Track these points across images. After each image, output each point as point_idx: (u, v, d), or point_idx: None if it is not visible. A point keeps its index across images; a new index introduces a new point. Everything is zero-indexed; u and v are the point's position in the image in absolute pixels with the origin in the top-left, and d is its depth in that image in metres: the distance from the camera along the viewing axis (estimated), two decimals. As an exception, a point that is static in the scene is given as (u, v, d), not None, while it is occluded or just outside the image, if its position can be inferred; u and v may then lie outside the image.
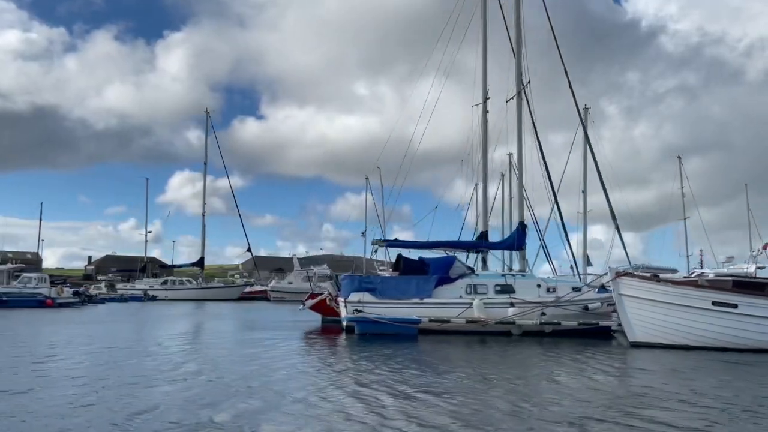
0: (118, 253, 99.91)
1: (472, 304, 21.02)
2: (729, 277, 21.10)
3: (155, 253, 73.35)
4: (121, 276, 77.64)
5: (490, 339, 19.40)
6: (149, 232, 73.29)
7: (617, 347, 17.97)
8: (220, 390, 9.80)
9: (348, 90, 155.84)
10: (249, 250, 68.38)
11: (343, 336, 20.46)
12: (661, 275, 22.98)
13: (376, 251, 25.00)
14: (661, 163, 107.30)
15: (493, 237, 28.27)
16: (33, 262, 70.42)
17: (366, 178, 66.80)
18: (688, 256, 53.38)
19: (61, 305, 38.57)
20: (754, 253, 33.41)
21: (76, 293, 43.84)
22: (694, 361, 14.75)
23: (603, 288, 22.09)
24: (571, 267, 26.21)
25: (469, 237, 38.36)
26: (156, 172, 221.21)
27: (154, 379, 10.83)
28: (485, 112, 27.36)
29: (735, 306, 16.24)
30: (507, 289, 21.90)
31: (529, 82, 24.81)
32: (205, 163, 68.23)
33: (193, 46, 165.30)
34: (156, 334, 21.55)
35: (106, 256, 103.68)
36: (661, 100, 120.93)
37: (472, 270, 23.56)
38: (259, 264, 78.68)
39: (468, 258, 27.37)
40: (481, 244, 26.07)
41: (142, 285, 63.35)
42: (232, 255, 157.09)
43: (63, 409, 8.16)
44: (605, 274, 20.87)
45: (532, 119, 25.68)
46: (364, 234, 66.19)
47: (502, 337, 19.84)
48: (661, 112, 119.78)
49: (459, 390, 10.08)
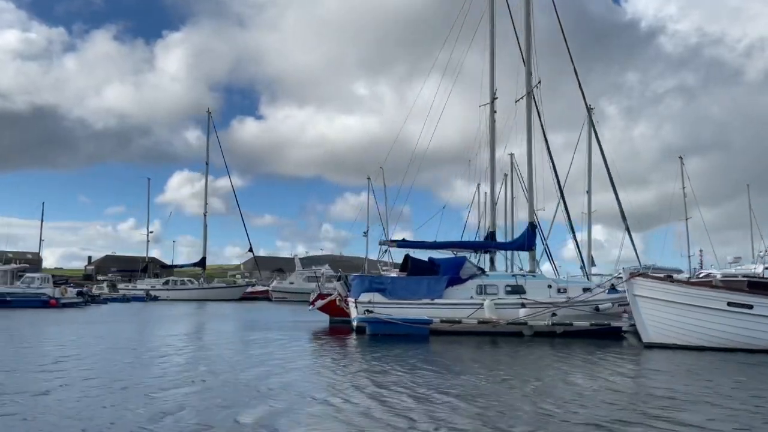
0: (118, 253, 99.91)
1: (482, 304, 20.92)
2: (736, 278, 21.06)
3: (155, 253, 73.41)
4: (121, 276, 77.47)
5: (502, 340, 19.29)
6: (151, 232, 73.18)
7: (630, 348, 17.86)
8: (240, 391, 9.70)
9: (347, 90, 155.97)
10: (251, 250, 68.39)
11: (353, 336, 20.35)
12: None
13: (386, 251, 24.88)
14: (660, 163, 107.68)
15: (497, 237, 28.09)
16: (33, 263, 70.11)
17: (368, 178, 66.62)
18: (689, 257, 53.37)
19: (64, 305, 38.48)
20: (761, 253, 33.47)
21: (79, 293, 43.79)
22: (709, 362, 14.64)
23: (613, 288, 22.02)
24: (581, 267, 26.11)
25: (469, 237, 38.40)
26: (155, 172, 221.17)
27: (173, 381, 10.73)
28: (493, 112, 27.28)
29: (750, 307, 16.14)
30: (518, 290, 21.81)
31: (539, 82, 24.73)
32: (206, 163, 68.16)
33: (192, 46, 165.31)
34: (164, 334, 21.42)
35: (106, 256, 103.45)
36: (661, 101, 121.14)
37: (483, 270, 23.46)
38: (259, 264, 78.38)
39: (478, 259, 27.29)
40: (490, 245, 25.95)
41: (143, 285, 63.18)
42: (232, 255, 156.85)
43: (85, 411, 8.07)
44: (618, 274, 20.77)
45: (540, 120, 25.59)
46: (365, 234, 65.86)
47: (513, 338, 19.72)
48: (660, 112, 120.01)
49: (481, 392, 9.97)
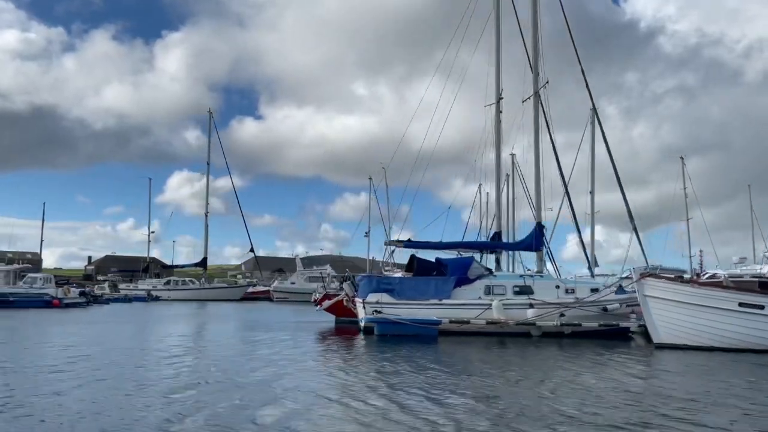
0: (118, 254, 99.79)
1: (490, 305, 20.87)
2: (742, 279, 21.00)
3: (154, 253, 73.20)
4: (122, 276, 77.32)
5: (510, 340, 19.21)
6: (152, 232, 73.04)
7: (640, 348, 17.80)
8: (254, 392, 9.65)
9: (347, 90, 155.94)
10: (252, 250, 68.34)
11: (361, 337, 20.27)
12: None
13: (393, 252, 24.80)
14: (660, 163, 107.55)
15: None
16: (33, 263, 69.93)
17: (370, 179, 66.50)
18: (690, 257, 53.35)
19: (67, 305, 38.44)
20: (766, 253, 33.41)
21: (82, 293, 43.74)
22: (721, 362, 14.58)
23: (621, 289, 21.99)
24: (588, 268, 26.06)
25: (470, 238, 38.37)
26: (155, 173, 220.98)
27: (186, 382, 10.69)
28: (498, 112, 27.26)
29: (762, 307, 16.11)
30: (525, 290, 21.75)
31: (547, 82, 24.69)
32: (208, 163, 68.09)
33: (191, 46, 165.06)
34: (170, 334, 21.29)
35: (106, 256, 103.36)
36: (660, 101, 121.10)
37: (490, 271, 23.40)
38: (259, 264, 78.26)
39: (481, 259, 27.21)
40: (498, 245, 25.91)
41: (145, 285, 63.10)
42: (231, 255, 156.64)
43: (102, 411, 8.00)
44: (628, 275, 20.71)
45: (546, 120, 25.53)
46: (367, 234, 65.74)
47: (521, 339, 19.66)
48: (660, 112, 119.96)
49: (497, 393, 9.92)
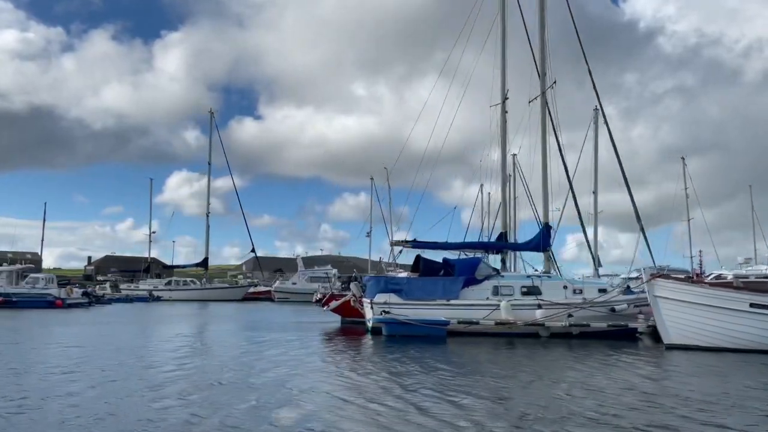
0: (118, 254, 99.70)
1: (498, 305, 20.80)
2: (748, 279, 21.05)
3: (154, 253, 73.18)
4: (122, 276, 77.20)
5: (518, 341, 19.12)
6: (153, 232, 72.92)
7: (649, 349, 17.71)
8: (268, 393, 9.61)
9: (346, 90, 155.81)
10: (253, 250, 68.23)
11: (369, 337, 20.21)
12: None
13: (400, 252, 24.73)
14: (659, 163, 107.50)
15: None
16: (33, 263, 69.85)
17: (371, 179, 66.38)
18: (691, 257, 53.31)
19: (70, 306, 38.38)
20: (771, 254, 33.48)
21: (85, 294, 43.68)
22: (732, 363, 14.51)
23: (628, 289, 21.95)
24: (595, 268, 26.01)
25: (472, 238, 38.33)
26: (154, 173, 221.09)
27: (199, 383, 10.62)
28: (504, 112, 27.19)
29: (773, 308, 16.06)
30: (533, 291, 21.68)
31: (554, 83, 24.62)
32: (209, 163, 68.02)
33: (191, 46, 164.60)
34: (175, 335, 21.18)
35: (106, 256, 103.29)
36: (660, 101, 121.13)
37: (498, 271, 23.34)
38: (260, 264, 78.15)
39: (485, 259, 27.15)
40: (505, 245, 25.84)
41: (146, 285, 63.02)
42: (230, 255, 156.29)
43: (117, 412, 7.95)
44: (638, 275, 20.67)
45: (552, 120, 25.50)
46: (368, 235, 65.62)
47: (529, 339, 19.59)
48: (659, 112, 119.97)
49: (511, 395, 9.87)
